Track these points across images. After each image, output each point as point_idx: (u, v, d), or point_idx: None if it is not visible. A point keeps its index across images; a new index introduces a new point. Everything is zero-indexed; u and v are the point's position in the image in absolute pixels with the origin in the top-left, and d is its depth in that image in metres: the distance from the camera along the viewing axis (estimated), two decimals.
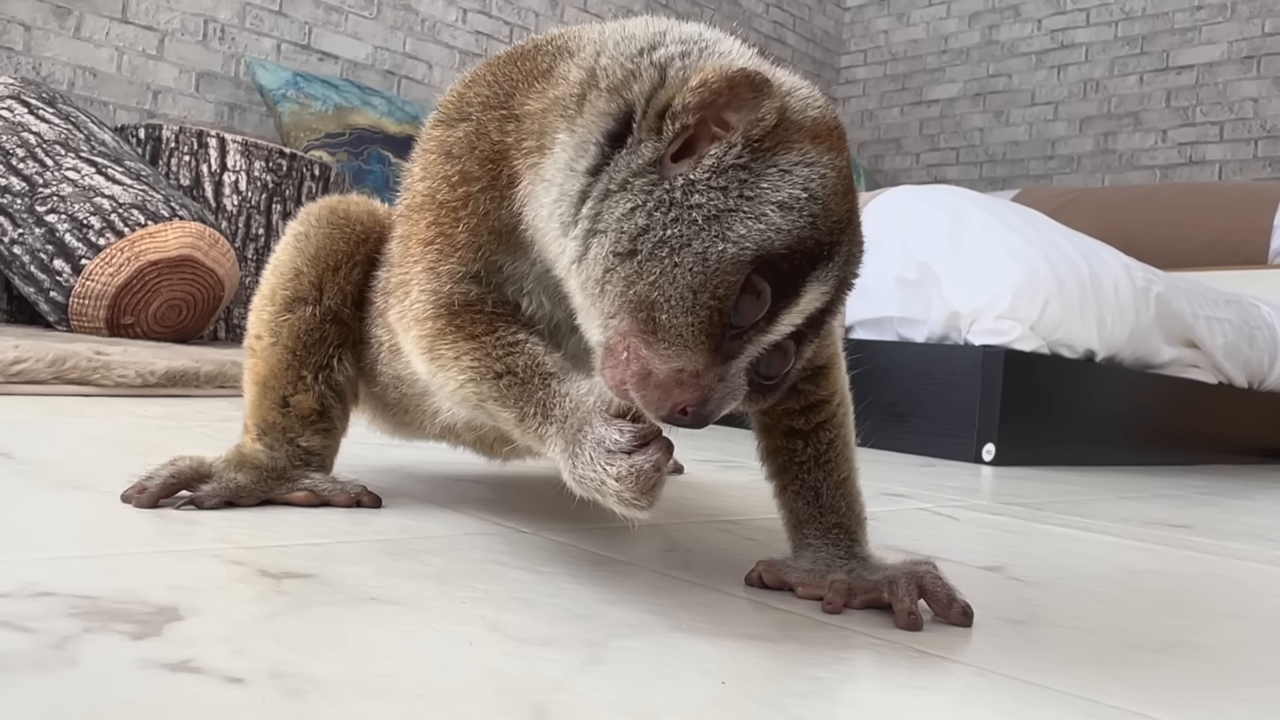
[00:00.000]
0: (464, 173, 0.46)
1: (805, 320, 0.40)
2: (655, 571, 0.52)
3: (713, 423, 0.39)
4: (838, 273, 0.40)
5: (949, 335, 1.61)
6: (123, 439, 0.85)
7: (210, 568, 0.43)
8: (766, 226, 0.38)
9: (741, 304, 0.38)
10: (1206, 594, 0.62)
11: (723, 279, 0.37)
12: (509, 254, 0.47)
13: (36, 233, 1.84)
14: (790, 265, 0.39)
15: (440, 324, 0.47)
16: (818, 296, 0.40)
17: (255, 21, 3.87)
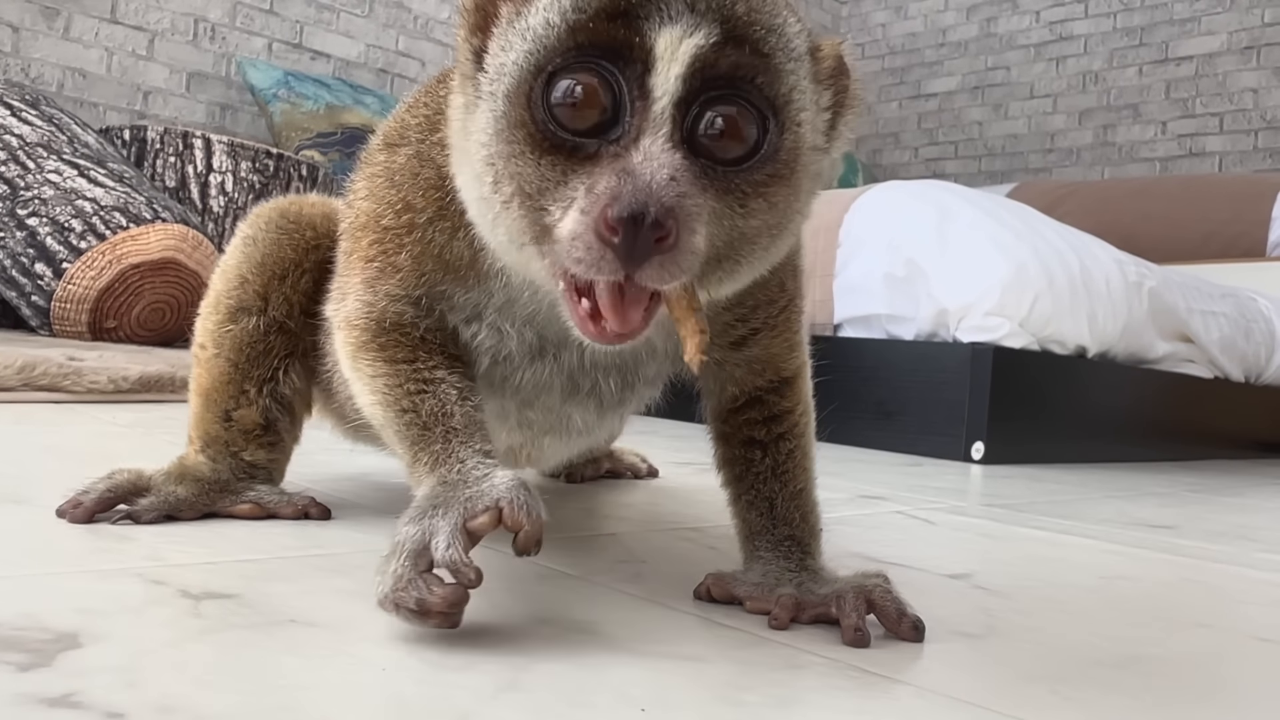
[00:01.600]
0: (407, 202, 0.44)
1: (698, 75, 0.36)
2: (602, 586, 0.51)
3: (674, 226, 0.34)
4: (689, 10, 0.36)
5: (937, 332, 1.60)
6: (81, 448, 0.83)
7: (128, 588, 0.42)
8: (536, 29, 0.36)
9: (560, 112, 0.35)
10: (1178, 601, 0.61)
11: (517, 107, 0.36)
12: (460, 285, 0.45)
13: (17, 236, 1.82)
14: (593, 37, 0.35)
15: (366, 337, 0.46)
16: (678, 35, 0.35)
17: (246, 20, 3.85)
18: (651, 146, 0.35)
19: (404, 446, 0.44)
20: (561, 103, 0.35)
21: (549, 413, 0.49)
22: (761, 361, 0.50)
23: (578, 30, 0.35)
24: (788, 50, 0.38)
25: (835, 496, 0.95)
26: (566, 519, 0.70)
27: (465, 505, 0.39)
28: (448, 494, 0.40)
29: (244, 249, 0.59)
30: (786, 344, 0.51)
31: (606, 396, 0.48)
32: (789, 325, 0.50)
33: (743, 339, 0.48)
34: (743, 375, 0.50)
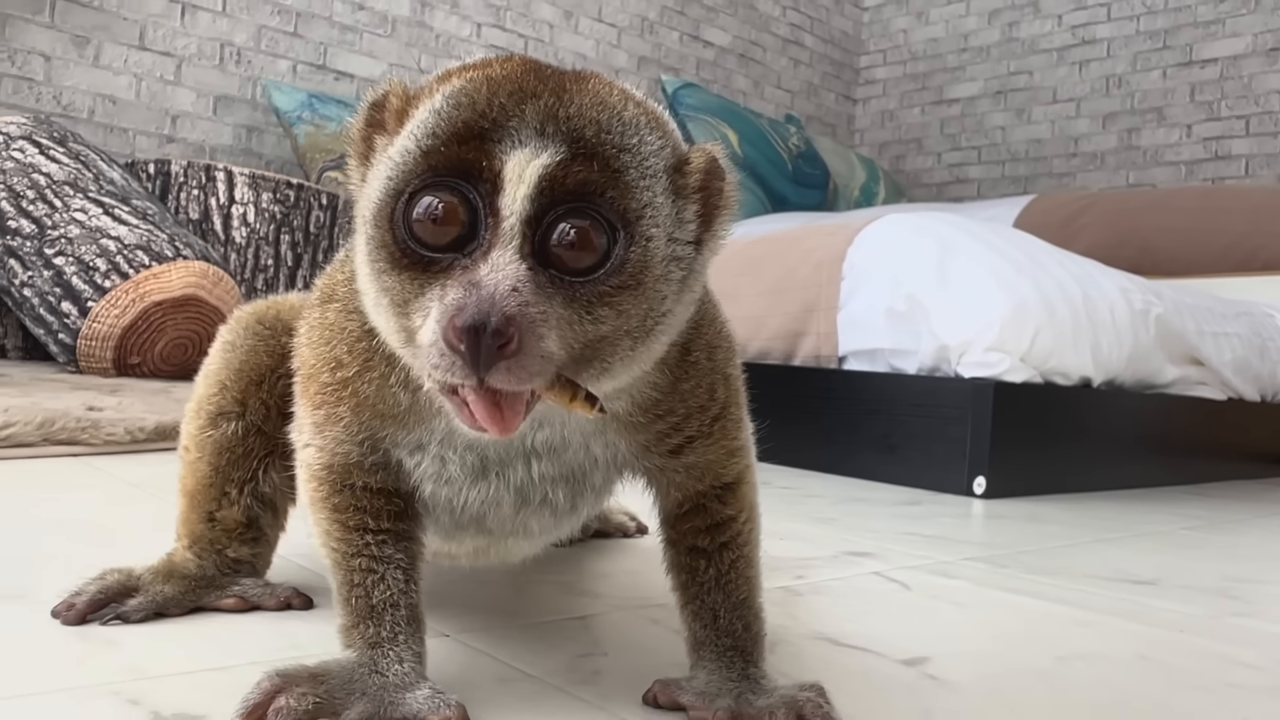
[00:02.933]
0: (338, 358, 0.48)
1: (546, 193, 0.38)
2: (555, 687, 0.53)
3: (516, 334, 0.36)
4: (538, 135, 0.39)
5: (940, 367, 1.61)
6: (89, 521, 0.87)
7: (103, 711, 0.45)
8: (393, 157, 0.40)
9: (419, 229, 0.39)
10: (1126, 689, 0.62)
11: (379, 227, 0.40)
12: (401, 427, 0.48)
13: (45, 275, 1.88)
14: (446, 160, 0.39)
15: (322, 492, 0.50)
16: (527, 158, 0.39)
17: (271, 44, 3.92)
18: (499, 259, 0.38)
19: (345, 614, 0.49)
20: (420, 219, 0.39)
21: (504, 523, 0.52)
22: (700, 468, 0.53)
23: (431, 154, 0.39)
24: (641, 167, 0.41)
25: (819, 554, 0.97)
26: (541, 598, 0.73)
27: (386, 705, 0.45)
28: (377, 689, 0.45)
29: (224, 354, 0.62)
30: (725, 450, 0.53)
31: (559, 505, 0.51)
32: (725, 433, 0.53)
33: (679, 447, 0.51)
34: (683, 480, 0.53)
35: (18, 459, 1.13)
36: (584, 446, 0.50)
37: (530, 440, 0.48)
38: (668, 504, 0.55)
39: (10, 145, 2.10)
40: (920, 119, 5.32)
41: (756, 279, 1.86)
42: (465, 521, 0.52)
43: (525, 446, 0.49)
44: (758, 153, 4.30)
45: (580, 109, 0.40)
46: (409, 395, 0.47)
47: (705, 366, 0.51)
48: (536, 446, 0.49)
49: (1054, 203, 3.61)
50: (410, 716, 0.45)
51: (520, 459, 0.49)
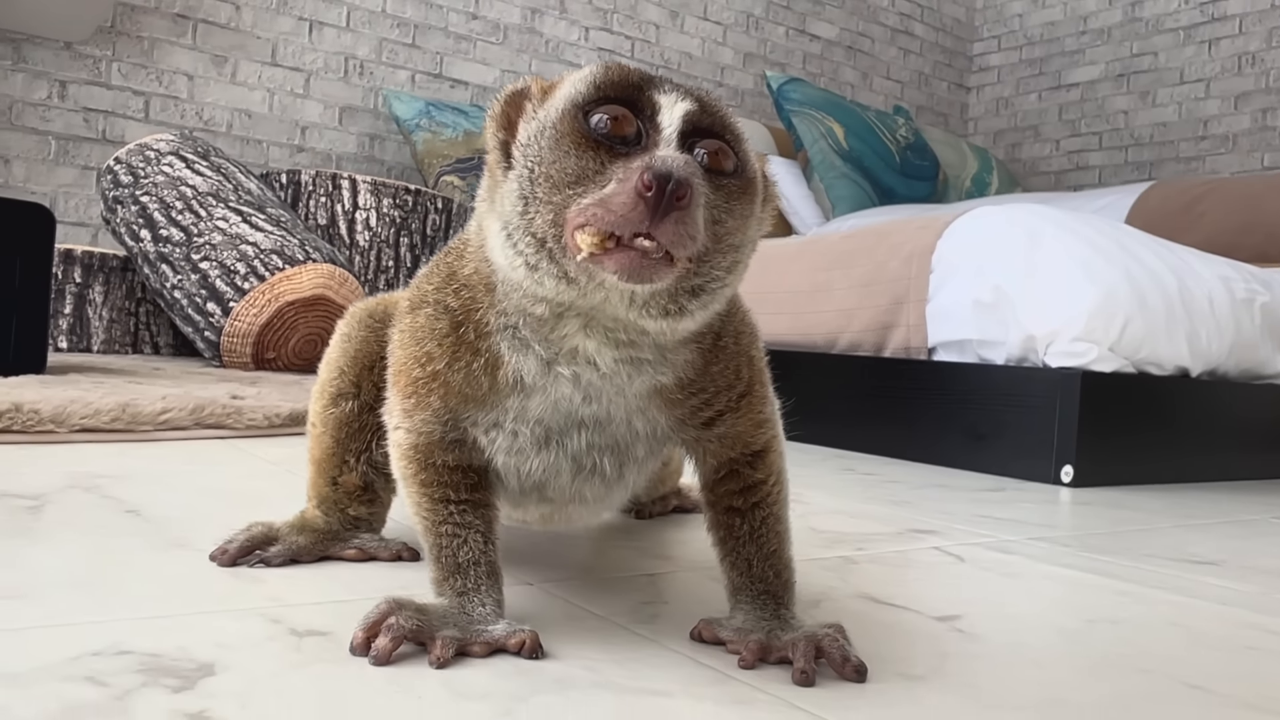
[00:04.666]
0: (429, 354, 0.57)
1: (690, 123, 0.50)
2: (619, 625, 0.63)
3: (691, 191, 0.45)
4: (677, 89, 0.51)
5: (1027, 357, 1.64)
6: (236, 490, 1.01)
7: (253, 626, 0.57)
8: (566, 95, 0.51)
9: (599, 123, 0.49)
10: (1143, 647, 0.68)
11: (566, 128, 0.49)
12: (481, 408, 0.58)
13: (192, 279, 2.08)
14: (617, 92, 0.50)
15: (411, 470, 0.61)
16: (675, 103, 0.50)
17: (391, 55, 4.13)
18: (668, 149, 0.49)
19: (436, 570, 0.60)
20: (601, 121, 0.49)
21: (563, 490, 0.61)
22: (730, 438, 0.61)
23: (603, 88, 0.50)
24: (740, 136, 0.53)
25: (884, 531, 1.04)
26: (618, 559, 0.83)
27: (472, 633, 0.55)
28: (465, 622, 0.56)
29: (341, 344, 0.74)
30: (752, 422, 0.61)
31: (608, 474, 0.60)
32: (751, 407, 0.61)
33: (711, 420, 0.59)
34: (717, 449, 0.62)
35: (174, 440, 1.28)
36: (626, 421, 0.58)
37: (580, 413, 0.57)
38: (705, 471, 0.63)
39: (161, 160, 2.31)
40: (1037, 105, 5.21)
41: (848, 273, 1.91)
42: (529, 488, 0.62)
43: (578, 418, 0.58)
44: (864, 145, 4.30)
45: (695, 89, 0.53)
46: (489, 379, 0.56)
47: (732, 350, 0.59)
48: (585, 419, 0.58)
49: (1173, 189, 3.52)
50: (491, 641, 0.55)
51: (574, 429, 0.58)
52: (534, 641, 0.55)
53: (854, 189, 4.18)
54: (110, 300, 2.44)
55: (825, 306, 1.94)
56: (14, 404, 1.16)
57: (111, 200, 2.32)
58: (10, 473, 0.99)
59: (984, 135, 5.47)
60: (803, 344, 2.02)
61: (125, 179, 2.30)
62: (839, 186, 4.15)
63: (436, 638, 0.54)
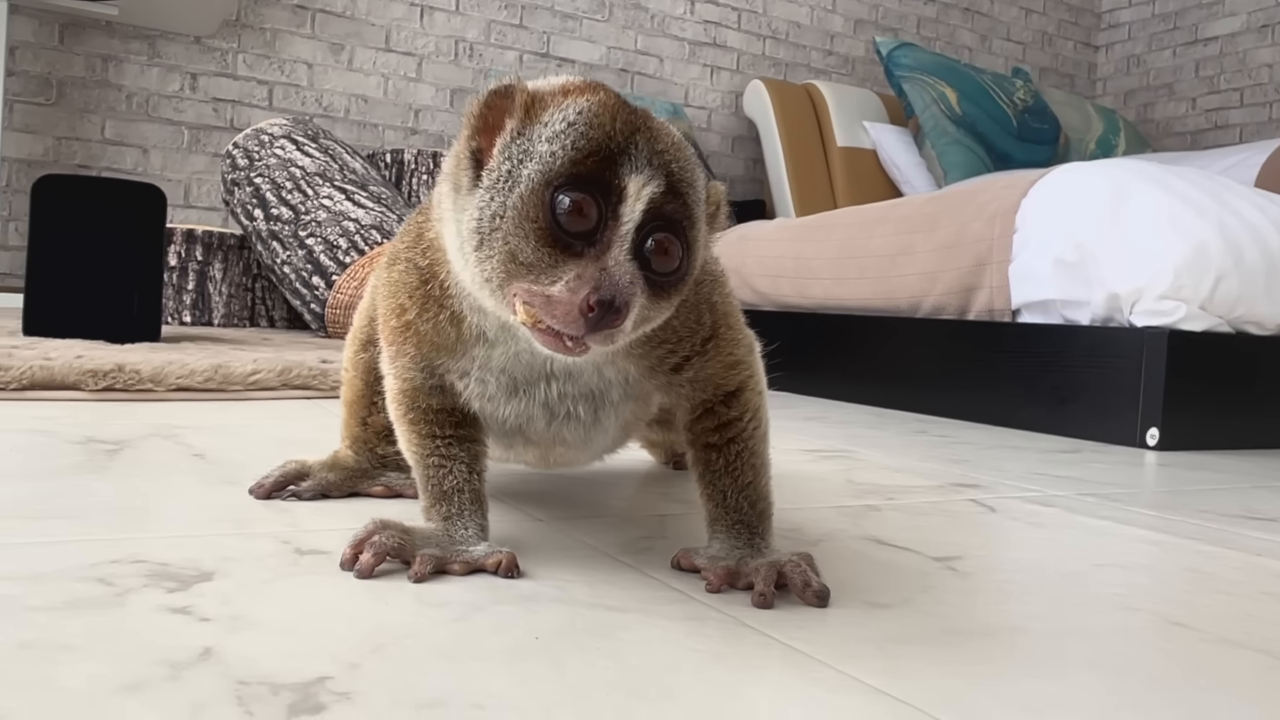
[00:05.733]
0: (402, 305, 0.61)
1: (653, 214, 0.50)
2: (607, 555, 0.66)
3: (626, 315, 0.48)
4: (648, 165, 0.50)
5: (1113, 317, 1.59)
6: (303, 439, 1.08)
7: (263, 545, 0.62)
8: (544, 155, 0.50)
9: (564, 217, 0.49)
10: (1143, 586, 0.67)
11: (531, 207, 0.49)
12: (450, 355, 0.62)
13: (299, 254, 2.20)
14: (590, 168, 0.49)
15: (400, 410, 0.66)
16: (642, 187, 0.50)
17: (499, 37, 4.22)
18: (619, 254, 0.50)
19: (424, 498, 0.64)
20: (565, 211, 0.50)
21: (541, 433, 0.65)
22: (701, 381, 0.63)
23: (578, 164, 0.50)
24: (698, 202, 0.54)
25: (925, 484, 1.04)
26: (638, 502, 0.86)
27: (452, 553, 0.59)
28: (447, 543, 0.60)
29: (371, 294, 0.78)
30: (722, 364, 0.63)
31: (584, 418, 0.63)
32: (719, 350, 0.63)
33: (678, 365, 0.62)
34: (690, 392, 0.64)
35: (263, 399, 1.38)
36: (597, 371, 0.61)
37: (549, 365, 0.60)
38: (682, 412, 0.66)
39: (274, 143, 2.44)
40: (1171, 62, 4.93)
41: (930, 235, 1.88)
42: (510, 431, 0.65)
43: (546, 370, 0.61)
44: (979, 110, 4.17)
45: (666, 147, 0.52)
46: (455, 330, 0.60)
47: (692, 300, 0.61)
48: (555, 371, 0.61)
49: None
50: (470, 561, 0.59)
51: (542, 380, 0.61)
52: (510, 561, 0.59)
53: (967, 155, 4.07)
54: (229, 277, 2.60)
55: (908, 270, 1.91)
56: (117, 365, 1.27)
57: (230, 183, 2.47)
58: (104, 423, 1.09)
59: (1113, 96, 5.22)
60: (886, 309, 1.99)
61: (242, 162, 2.45)
62: (951, 153, 4.04)
63: (417, 555, 0.58)
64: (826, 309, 2.15)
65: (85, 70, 3.50)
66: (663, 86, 4.49)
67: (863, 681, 0.45)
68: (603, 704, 0.41)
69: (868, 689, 0.45)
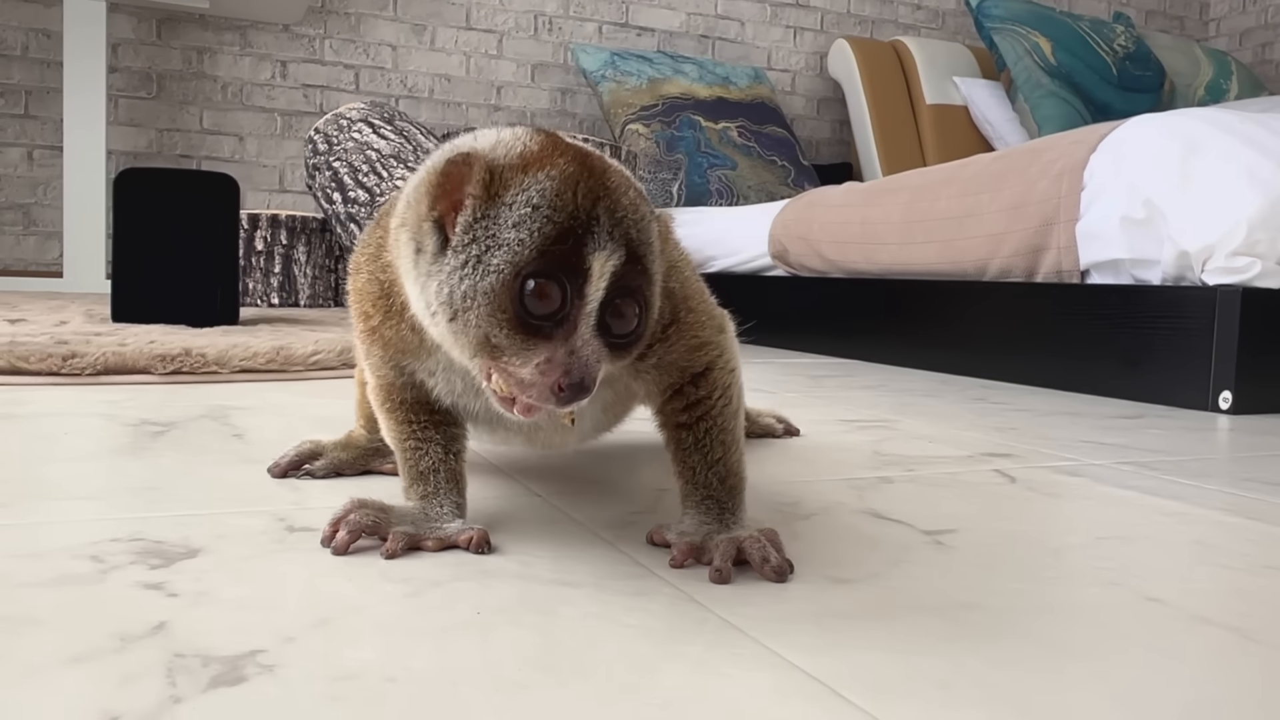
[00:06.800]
0: (367, 312, 0.64)
1: (614, 285, 0.52)
2: (588, 530, 0.67)
3: (593, 388, 0.51)
4: (610, 239, 0.51)
5: (1184, 276, 1.52)
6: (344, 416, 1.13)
7: (257, 523, 0.66)
8: (511, 243, 0.51)
9: (532, 303, 0.51)
10: (1136, 562, 0.65)
11: (501, 297, 0.51)
12: (414, 358, 0.64)
13: None
14: (557, 254, 0.50)
15: (378, 400, 0.69)
16: (605, 263, 0.51)
17: (578, 9, 4.23)
18: (585, 333, 0.52)
19: (404, 478, 0.67)
20: (533, 295, 0.51)
21: (512, 424, 0.67)
22: (666, 365, 0.64)
23: (545, 253, 0.51)
24: (655, 258, 0.55)
25: (954, 454, 1.02)
26: (641, 477, 0.87)
27: (426, 530, 0.62)
28: (422, 520, 0.63)
29: None
30: (686, 348, 0.63)
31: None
32: (681, 336, 0.63)
33: (641, 354, 0.62)
34: (657, 376, 0.64)
35: (323, 379, 1.43)
36: None
37: None
38: (651, 395, 0.66)
39: (352, 127, 2.51)
40: None
41: (996, 196, 1.82)
42: (483, 421, 0.68)
43: None
44: (1075, 59, 4.00)
45: (625, 211, 0.53)
46: (416, 337, 0.62)
47: None
48: None
49: None
50: (443, 537, 0.61)
51: None
52: (481, 538, 0.61)
53: (1063, 107, 3.91)
54: (312, 259, 2.69)
55: (975, 232, 1.86)
56: (185, 349, 1.34)
57: (311, 167, 2.55)
58: (164, 406, 1.16)
59: (1227, 37, 4.92)
60: (953, 272, 1.94)
61: (322, 147, 2.53)
62: (1046, 106, 3.89)
63: (390, 533, 0.60)
64: (893, 274, 2.11)
65: (182, 63, 3.65)
66: (744, 51, 4.44)
67: (782, 657, 0.46)
68: (510, 678, 0.43)
69: (784, 665, 0.45)
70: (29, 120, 3.47)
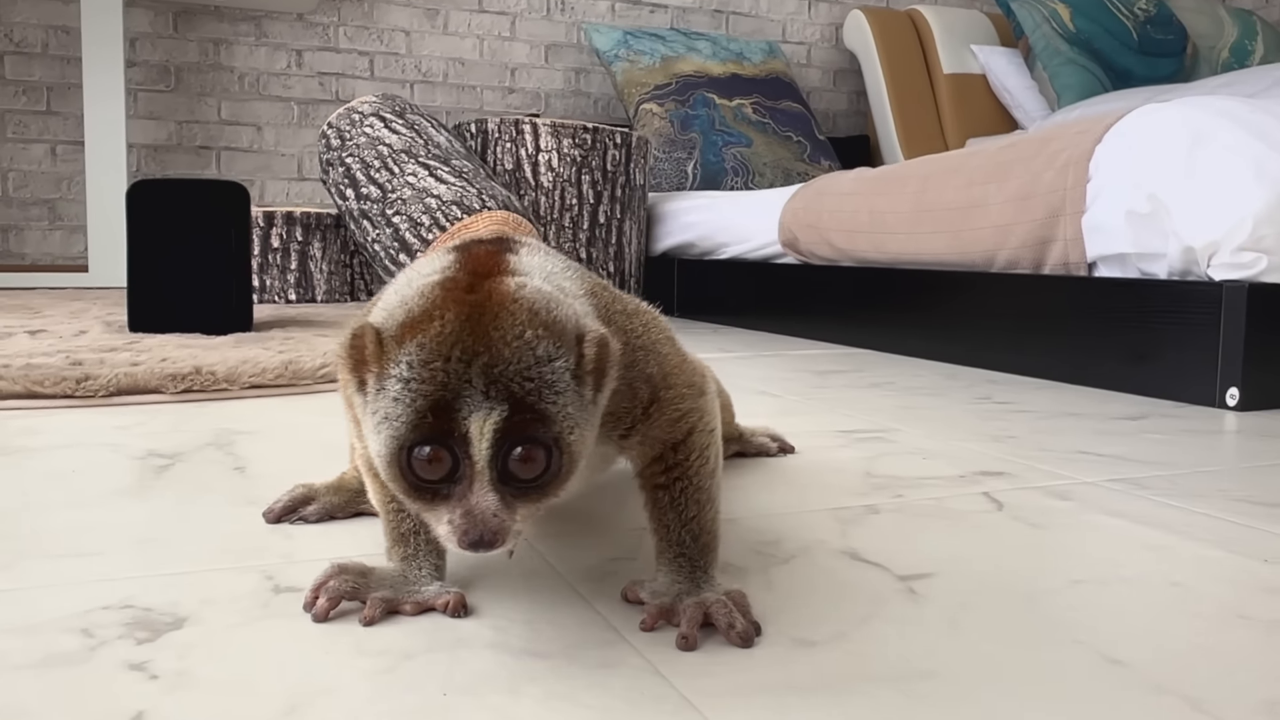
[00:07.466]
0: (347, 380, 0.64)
1: (506, 439, 0.51)
2: (567, 585, 0.69)
3: (502, 541, 0.52)
4: (487, 398, 0.50)
5: (1190, 270, 1.51)
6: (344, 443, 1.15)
7: (245, 582, 0.68)
8: (392, 418, 0.51)
9: (421, 470, 0.51)
10: (1109, 613, 0.66)
11: (393, 467, 0.52)
12: None
13: (387, 232, 2.28)
14: (431, 426, 0.51)
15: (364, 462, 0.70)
16: (482, 419, 0.50)
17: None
18: (480, 488, 0.52)
19: (386, 539, 0.68)
20: (420, 464, 0.52)
21: None
22: (649, 440, 0.65)
23: (418, 427, 0.51)
24: (555, 395, 0.52)
25: (947, 474, 1.03)
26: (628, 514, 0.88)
27: (404, 594, 0.64)
28: (401, 584, 0.65)
29: None
30: (667, 421, 0.64)
31: None
32: (662, 412, 0.64)
33: (625, 433, 0.63)
34: (639, 451, 0.66)
35: (331, 390, 1.46)
36: None
37: None
38: (635, 463, 0.67)
39: (363, 122, 2.53)
40: None
41: (1003, 186, 1.81)
42: None
43: None
44: (1094, 25, 3.93)
45: (508, 362, 0.51)
46: None
47: (623, 389, 0.60)
48: None
49: None
50: (421, 601, 0.63)
51: None
52: (457, 602, 0.63)
53: (1083, 75, 3.84)
54: (328, 255, 2.72)
55: (981, 223, 1.85)
56: (195, 367, 1.37)
57: (325, 163, 2.57)
58: (173, 431, 1.18)
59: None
60: (960, 263, 1.93)
61: (334, 142, 2.54)
62: (1065, 74, 3.83)
63: (369, 599, 0.62)
64: (902, 264, 2.10)
65: (199, 55, 3.67)
66: (759, 25, 4.39)
67: None
68: None
69: None
70: (51, 116, 3.51)
